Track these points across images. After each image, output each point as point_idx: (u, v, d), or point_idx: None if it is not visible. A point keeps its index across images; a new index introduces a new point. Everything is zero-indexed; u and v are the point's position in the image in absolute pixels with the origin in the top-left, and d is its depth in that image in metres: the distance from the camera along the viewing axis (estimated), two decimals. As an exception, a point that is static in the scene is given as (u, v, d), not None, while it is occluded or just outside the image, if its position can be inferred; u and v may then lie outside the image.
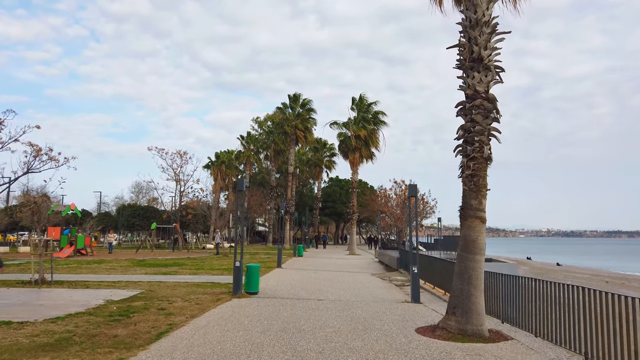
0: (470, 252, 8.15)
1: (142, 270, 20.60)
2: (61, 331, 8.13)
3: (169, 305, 10.97)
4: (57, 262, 24.89)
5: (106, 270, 20.29)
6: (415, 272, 12.74)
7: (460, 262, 8.26)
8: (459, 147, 8.56)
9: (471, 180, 8.22)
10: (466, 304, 7.99)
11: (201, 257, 31.24)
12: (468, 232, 8.20)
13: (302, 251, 35.22)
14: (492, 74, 8.32)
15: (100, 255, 31.57)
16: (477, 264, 8.09)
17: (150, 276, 17.90)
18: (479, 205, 8.19)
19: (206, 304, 11.28)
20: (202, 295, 12.84)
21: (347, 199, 58.91)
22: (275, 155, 53.55)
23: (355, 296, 13.63)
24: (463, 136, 8.44)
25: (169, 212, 42.10)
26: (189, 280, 16.37)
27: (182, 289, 14.04)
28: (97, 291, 13.33)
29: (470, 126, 8.31)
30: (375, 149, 43.24)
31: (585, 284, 30.88)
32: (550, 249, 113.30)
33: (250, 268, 13.26)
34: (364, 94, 43.43)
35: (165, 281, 16.01)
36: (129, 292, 13.27)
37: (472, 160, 8.22)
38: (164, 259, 28.03)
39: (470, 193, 8.24)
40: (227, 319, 9.50)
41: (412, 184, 13.09)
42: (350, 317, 9.90)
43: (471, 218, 8.19)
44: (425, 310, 11.24)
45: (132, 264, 24.00)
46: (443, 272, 14.61)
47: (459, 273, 8.25)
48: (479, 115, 8.24)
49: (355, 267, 25.80)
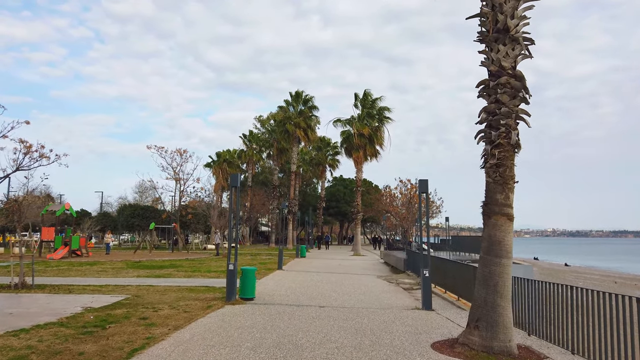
0: (495, 254, 6.96)
1: (135, 272, 19.51)
2: (20, 347, 7.01)
3: (153, 314, 9.83)
4: (48, 263, 23.86)
5: (97, 272, 19.20)
6: (426, 276, 11.55)
7: (484, 267, 7.07)
8: (481, 132, 7.38)
9: (496, 171, 7.03)
10: (492, 316, 6.81)
11: (200, 258, 30.14)
12: (493, 232, 7.01)
13: (304, 252, 34.06)
14: (520, 47, 7.13)
15: (96, 256, 30.52)
16: (503, 268, 6.90)
17: (142, 279, 16.80)
18: (505, 199, 7.00)
19: (195, 312, 10.14)
20: (192, 301, 11.70)
21: (351, 199, 57.69)
22: (277, 154, 52.43)
23: (361, 302, 12.45)
24: (486, 120, 7.26)
25: (169, 212, 41.05)
26: (181, 284, 15.25)
27: (172, 294, 12.91)
28: (79, 297, 12.23)
29: (495, 108, 7.12)
30: (379, 146, 41.98)
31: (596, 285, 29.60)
32: (556, 249, 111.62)
33: (245, 271, 12.12)
34: (368, 89, 42.19)
35: (156, 285, 14.89)
36: (113, 297, 12.15)
37: (497, 148, 7.03)
38: (161, 260, 26.95)
39: (495, 186, 7.05)
40: (214, 331, 8.35)
41: (423, 179, 11.90)
42: (355, 329, 8.72)
43: (496, 215, 7.00)
44: (439, 319, 10.05)
45: (126, 265, 22.92)
46: (456, 275, 13.42)
47: (482, 280, 7.06)
48: (505, 95, 7.05)
49: (360, 268, 24.62)
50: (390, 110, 41.81)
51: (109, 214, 50.12)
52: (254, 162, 63.05)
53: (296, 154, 51.14)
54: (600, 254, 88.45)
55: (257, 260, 27.96)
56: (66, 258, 27.96)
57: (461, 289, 12.83)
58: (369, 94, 41.95)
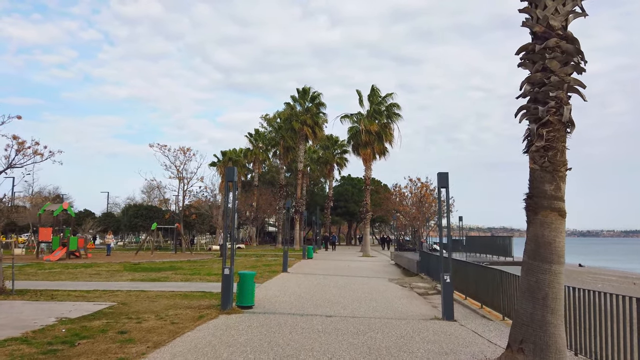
0: (544, 259, 5.58)
1: (130, 275, 18.31)
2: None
3: (134, 327, 8.56)
4: (41, 265, 22.77)
5: (89, 275, 18.03)
6: (447, 282, 10.17)
7: (530, 275, 5.69)
8: (523, 108, 6.00)
9: (544, 156, 5.65)
10: (540, 337, 5.43)
11: (203, 259, 28.93)
12: (541, 231, 5.63)
13: (312, 253, 32.76)
14: (573, 2, 5.75)
15: (96, 258, 29.43)
16: (554, 277, 5.53)
17: (135, 283, 15.59)
18: (555, 191, 5.62)
19: (183, 324, 8.86)
20: (183, 310, 10.42)
21: (359, 198, 56.25)
22: (284, 152, 51.08)
23: (373, 310, 11.10)
24: (530, 92, 5.88)
25: (172, 212, 39.95)
26: (176, 289, 13.99)
27: (164, 301, 11.65)
28: (58, 305, 11.00)
29: (542, 77, 5.74)
30: (389, 143, 40.54)
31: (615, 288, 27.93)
32: (567, 250, 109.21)
33: (243, 276, 10.81)
34: (376, 85, 40.75)
35: (148, 290, 13.65)
36: (96, 305, 10.92)
37: (546, 127, 5.65)
38: (161, 262, 25.77)
39: (542, 174, 5.68)
40: (201, 349, 7.05)
41: (443, 172, 10.52)
42: (369, 347, 7.37)
43: (545, 210, 5.63)
44: (465, 334, 8.66)
45: (123, 268, 21.75)
46: (478, 280, 12.02)
47: (527, 291, 5.68)
48: (555, 62, 5.67)
49: (369, 271, 23.25)
50: (400, 107, 40.38)
51: (112, 214, 49.18)
52: (260, 161, 61.83)
53: (303, 153, 49.81)
54: (612, 254, 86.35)
55: (262, 262, 26.70)
56: (64, 260, 26.91)
57: (485, 295, 11.44)
58: (376, 90, 40.53)
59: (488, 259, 23.43)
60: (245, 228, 68.84)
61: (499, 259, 23.14)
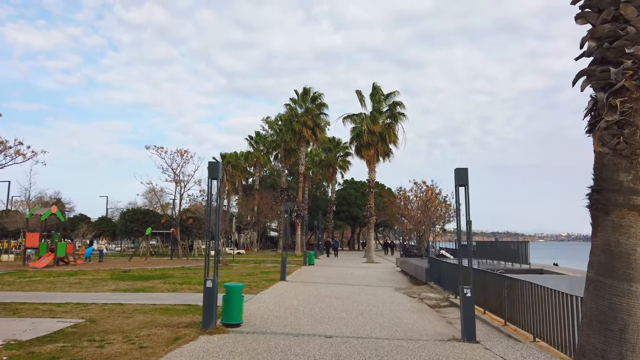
0: (620, 277, 4.07)
1: (114, 285, 16.83)
2: None
3: (93, 353, 7.07)
4: (24, 273, 21.32)
5: (69, 285, 16.55)
6: (468, 297, 8.64)
7: (599, 298, 4.17)
8: (586, 73, 4.50)
9: (618, 135, 4.16)
10: (618, 385, 3.91)
11: (198, 266, 27.39)
12: (615, 238, 4.12)
13: (313, 259, 31.21)
14: None
15: (87, 264, 27.96)
16: (636, 301, 4.01)
17: (117, 294, 14.12)
18: (634, 182, 4.12)
19: (153, 349, 7.36)
20: (159, 329, 8.92)
21: (362, 202, 54.67)
22: (285, 155, 49.56)
23: (380, 328, 9.58)
24: (596, 50, 4.39)
25: (168, 216, 38.50)
26: (158, 302, 12.49)
27: (139, 317, 10.16)
28: (16, 322, 9.52)
29: (614, 29, 4.24)
30: (393, 144, 38.99)
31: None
32: (573, 254, 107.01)
33: (229, 290, 9.32)
34: (377, 83, 39.16)
35: (127, 303, 12.16)
36: (60, 322, 9.43)
37: (620, 95, 4.16)
38: (153, 270, 24.29)
39: (616, 160, 4.18)
40: (163, 388, 5.55)
41: (461, 168, 9.02)
42: (377, 384, 5.86)
43: (620, 209, 4.12)
44: (494, 361, 7.13)
45: (110, 276, 20.27)
46: (501, 292, 10.47)
47: (596, 319, 4.17)
48: (631, 7, 4.18)
49: (374, 279, 21.69)
50: (404, 106, 38.81)
51: (108, 219, 47.72)
52: (261, 164, 60.38)
53: (304, 155, 48.29)
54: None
55: (260, 269, 25.19)
56: (51, 267, 25.48)
57: (510, 311, 9.89)
58: (378, 88, 38.98)
59: (501, 266, 21.82)
60: (246, 233, 67.34)
61: (513, 266, 21.54)
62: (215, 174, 9.12)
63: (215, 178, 9.17)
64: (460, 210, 9.09)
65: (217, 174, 9.09)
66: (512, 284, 9.65)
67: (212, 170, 9.13)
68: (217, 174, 9.10)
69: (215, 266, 9.15)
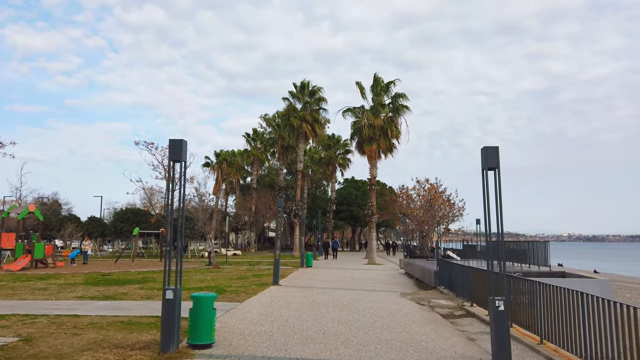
0: None
1: (83, 291, 14.91)
2: None
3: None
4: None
5: (32, 291, 14.63)
6: (501, 311, 6.71)
7: None
8: None
9: None
10: None
11: (186, 268, 25.48)
12: None
13: (311, 260, 29.27)
14: None
15: (68, 267, 26.02)
16: None
17: (80, 302, 12.21)
18: None
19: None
20: (104, 353, 6.99)
21: (363, 201, 52.73)
22: (282, 151, 47.57)
23: (387, 348, 7.65)
24: None
25: (158, 216, 36.58)
26: (122, 313, 10.55)
27: (90, 335, 8.23)
28: None
29: None
30: (395, 139, 37.02)
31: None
32: (575, 255, 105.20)
33: (198, 301, 7.38)
34: (378, 74, 37.14)
35: (84, 315, 10.23)
36: (-15, 343, 7.51)
37: None
38: (137, 272, 22.38)
39: None
40: None
41: (491, 147, 7.08)
42: None
43: None
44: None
45: (84, 280, 18.34)
46: (535, 301, 8.55)
47: None
48: None
49: (377, 282, 19.76)
50: (407, 98, 36.80)
51: (98, 219, 45.73)
52: (259, 162, 58.44)
53: (303, 152, 46.35)
54: (622, 259, 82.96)
55: (253, 272, 23.26)
56: (27, 269, 23.57)
57: (549, 326, 7.96)
58: (380, 80, 36.99)
59: (516, 268, 19.87)
60: (244, 233, 65.35)
61: (530, 268, 19.58)
62: (178, 155, 7.20)
63: (178, 160, 7.24)
64: (488, 201, 7.13)
65: (181, 156, 7.16)
66: (557, 293, 7.70)
67: (174, 150, 7.20)
68: (180, 156, 7.18)
69: (178, 272, 7.21)
